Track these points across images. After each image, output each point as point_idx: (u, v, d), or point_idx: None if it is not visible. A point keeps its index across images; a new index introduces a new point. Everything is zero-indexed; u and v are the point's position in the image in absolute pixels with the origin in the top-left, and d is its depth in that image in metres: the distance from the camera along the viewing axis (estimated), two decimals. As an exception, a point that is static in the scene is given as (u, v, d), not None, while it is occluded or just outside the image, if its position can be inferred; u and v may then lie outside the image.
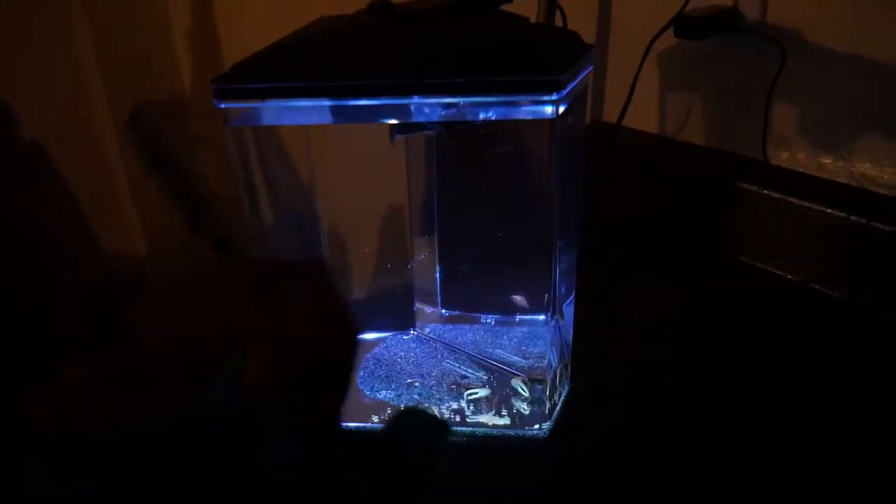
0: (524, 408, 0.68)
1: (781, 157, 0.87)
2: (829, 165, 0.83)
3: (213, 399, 0.63)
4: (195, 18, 1.85)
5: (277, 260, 0.68)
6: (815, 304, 0.80)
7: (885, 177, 0.79)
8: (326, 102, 0.55)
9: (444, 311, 0.81)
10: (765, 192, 0.85)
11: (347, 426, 0.68)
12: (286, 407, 0.64)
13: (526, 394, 0.68)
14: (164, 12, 1.87)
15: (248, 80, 0.55)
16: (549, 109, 0.53)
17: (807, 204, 0.81)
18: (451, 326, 0.80)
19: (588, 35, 0.99)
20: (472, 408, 0.68)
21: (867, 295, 0.78)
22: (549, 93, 0.51)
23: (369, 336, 0.79)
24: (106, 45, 1.77)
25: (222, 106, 0.55)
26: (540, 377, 0.68)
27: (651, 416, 0.67)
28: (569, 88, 0.53)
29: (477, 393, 0.70)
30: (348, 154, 0.71)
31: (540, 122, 0.55)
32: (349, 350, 0.58)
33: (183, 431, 0.60)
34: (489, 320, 0.79)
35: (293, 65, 0.56)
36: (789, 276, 0.84)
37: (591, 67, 0.59)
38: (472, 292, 0.80)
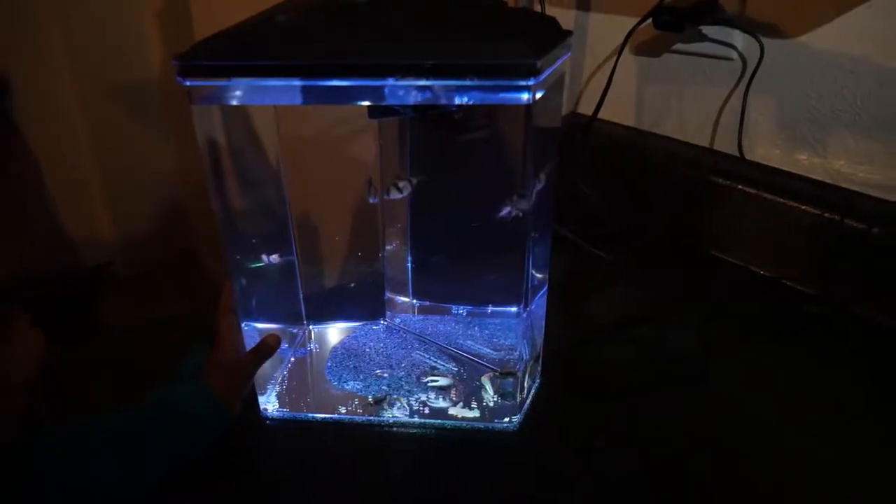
0: (494, 401, 0.67)
1: (757, 153, 0.87)
2: (804, 161, 0.83)
3: (181, 390, 0.62)
4: (167, 1, 1.80)
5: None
6: (788, 299, 0.80)
7: (860, 174, 0.78)
8: (295, 82, 0.53)
9: (415, 301, 0.79)
10: (739, 187, 0.84)
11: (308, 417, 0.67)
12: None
13: (490, 391, 0.67)
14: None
15: (213, 58, 0.53)
16: (525, 95, 0.51)
17: (781, 200, 0.81)
18: (422, 317, 0.79)
19: (566, 24, 0.98)
20: (432, 396, 0.67)
21: (840, 291, 0.78)
22: (526, 78, 0.50)
23: (339, 326, 0.78)
24: (75, 27, 1.73)
25: (186, 83, 0.53)
26: (510, 370, 0.67)
27: (621, 410, 0.66)
28: (545, 74, 0.52)
29: (437, 381, 0.69)
30: (318, 137, 0.69)
31: (515, 109, 0.53)
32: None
33: (148, 425, 0.59)
34: (461, 311, 0.78)
35: (261, 43, 0.54)
36: (762, 272, 0.84)
37: (568, 54, 0.57)
38: (443, 283, 0.79)
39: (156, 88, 1.85)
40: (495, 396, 0.67)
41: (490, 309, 0.76)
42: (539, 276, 0.67)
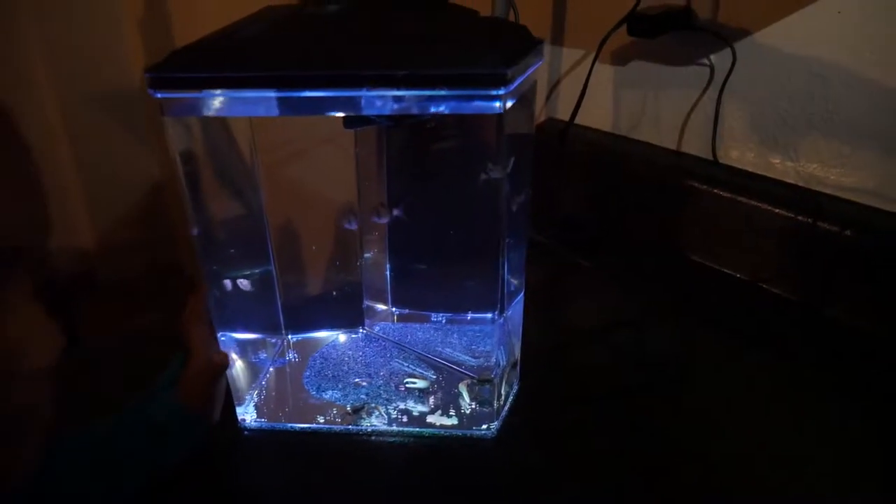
0: (472, 408, 0.67)
1: (731, 156, 0.87)
2: (777, 165, 0.84)
3: (154, 405, 0.61)
4: (147, 7, 1.80)
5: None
6: (764, 302, 0.80)
7: (832, 177, 0.79)
8: (267, 94, 0.53)
9: (394, 309, 0.79)
10: (714, 191, 0.85)
11: (288, 427, 0.66)
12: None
13: (467, 398, 0.67)
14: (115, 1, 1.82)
15: (184, 69, 0.52)
16: (496, 104, 0.52)
17: (755, 203, 0.82)
18: (401, 325, 0.79)
19: (542, 32, 0.99)
20: (411, 401, 0.67)
21: (814, 293, 0.78)
22: (497, 87, 0.50)
23: (318, 335, 0.78)
24: (53, 35, 1.71)
25: (158, 96, 0.53)
26: (487, 377, 0.67)
27: (600, 415, 0.66)
28: (516, 83, 0.52)
29: (415, 383, 0.69)
30: (293, 147, 0.69)
31: (488, 117, 0.54)
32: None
33: (122, 437, 0.58)
34: (440, 318, 0.78)
35: (234, 54, 0.54)
36: (738, 275, 0.84)
37: (540, 62, 0.58)
38: (422, 290, 0.79)
39: (137, 96, 1.84)
40: (473, 403, 0.67)
41: (470, 316, 0.76)
42: (515, 281, 0.67)
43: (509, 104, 0.53)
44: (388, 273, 0.78)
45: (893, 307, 0.73)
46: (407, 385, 0.69)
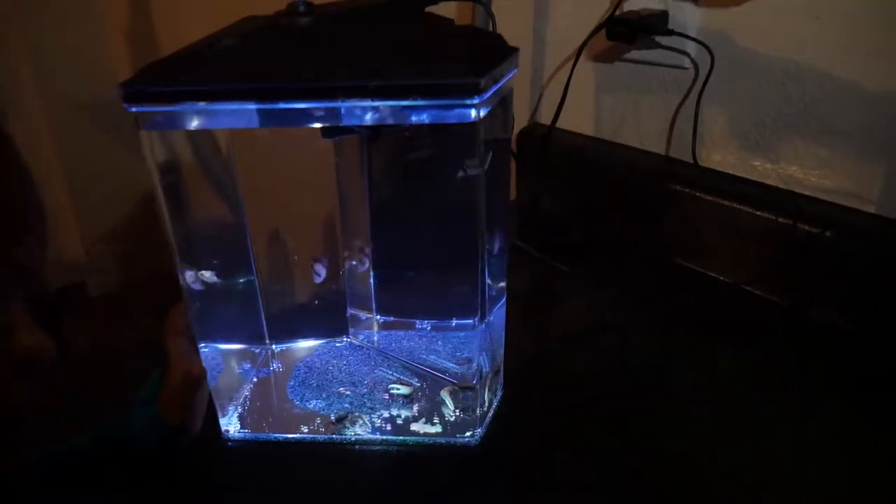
0: (455, 415, 0.67)
1: (713, 160, 0.88)
2: (758, 168, 0.84)
3: (133, 419, 0.61)
4: (132, 16, 1.79)
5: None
6: (747, 304, 0.81)
7: (812, 179, 0.80)
8: (245, 105, 0.53)
9: (378, 317, 0.79)
10: (696, 194, 0.85)
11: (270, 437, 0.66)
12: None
13: (451, 406, 0.67)
14: (100, 9, 1.81)
15: (159, 83, 0.53)
16: (471, 112, 0.52)
17: (736, 206, 0.82)
18: (385, 333, 0.79)
19: (522, 37, 0.99)
20: (394, 408, 0.67)
21: (796, 295, 0.79)
22: (470, 96, 0.50)
23: (301, 344, 0.78)
24: (38, 43, 1.71)
25: (133, 110, 0.53)
26: (469, 384, 0.67)
27: (584, 420, 0.67)
28: (490, 92, 0.52)
29: (399, 388, 0.69)
30: (275, 157, 0.69)
31: (464, 126, 0.54)
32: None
33: (101, 451, 0.58)
34: (425, 326, 0.78)
35: (208, 67, 0.54)
36: (721, 278, 0.85)
37: (515, 70, 0.58)
38: (406, 297, 0.79)
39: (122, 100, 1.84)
40: (456, 410, 0.67)
41: (455, 322, 0.76)
42: (496, 287, 0.67)
43: (483, 112, 0.53)
44: (371, 281, 0.78)
45: (874, 307, 0.73)
46: (391, 391, 0.69)
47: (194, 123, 0.56)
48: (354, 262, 0.77)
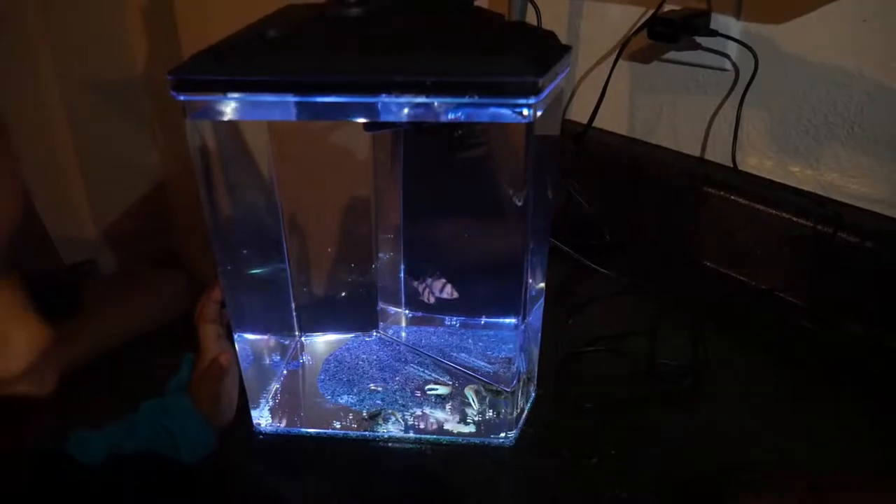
0: (481, 413, 0.66)
1: (750, 163, 0.87)
2: (797, 173, 0.83)
3: (164, 406, 0.61)
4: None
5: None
6: (780, 311, 0.80)
7: (853, 186, 0.79)
8: (291, 98, 0.52)
9: (408, 311, 0.79)
10: (732, 197, 0.84)
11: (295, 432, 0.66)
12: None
13: (475, 404, 0.67)
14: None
15: (208, 72, 0.52)
16: (525, 112, 0.51)
17: (774, 211, 0.81)
18: (415, 328, 0.78)
19: (560, 33, 0.98)
20: (430, 407, 0.67)
21: (831, 305, 0.78)
22: (528, 96, 0.49)
23: (331, 337, 0.77)
24: (57, 26, 1.70)
25: (181, 98, 0.52)
26: (506, 384, 0.67)
27: (617, 424, 0.66)
28: (547, 91, 0.51)
29: (436, 389, 0.69)
30: (311, 148, 0.68)
31: (516, 125, 0.53)
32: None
33: (135, 438, 0.58)
34: (453, 322, 0.77)
35: (257, 57, 0.53)
36: (755, 284, 0.84)
37: (567, 70, 0.57)
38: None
39: (139, 84, 1.83)
40: (482, 408, 0.67)
41: (483, 320, 0.76)
42: (537, 287, 0.67)
43: (539, 113, 0.52)
44: (401, 275, 0.77)
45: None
46: (427, 391, 0.69)
47: (237, 113, 0.55)
48: (387, 256, 0.76)
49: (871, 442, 0.64)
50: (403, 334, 0.78)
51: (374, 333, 0.78)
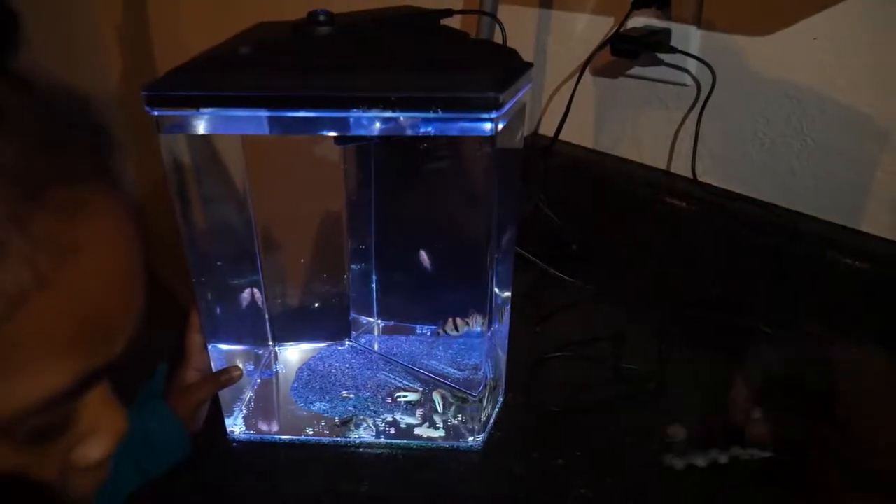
0: (448, 417, 0.68)
1: (709, 175, 0.90)
2: (754, 184, 0.86)
3: (142, 412, 0.62)
4: (125, 14, 1.79)
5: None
6: (742, 319, 0.82)
7: (807, 196, 0.82)
8: (263, 113, 0.54)
9: (380, 321, 0.81)
10: (693, 208, 0.87)
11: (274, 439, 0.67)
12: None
13: (440, 409, 0.69)
14: (93, 6, 1.80)
15: (182, 88, 0.53)
16: (487, 126, 0.53)
17: (734, 222, 0.84)
18: (387, 337, 0.80)
19: (527, 50, 1.01)
20: (399, 414, 0.68)
21: (788, 310, 0.81)
22: (489, 111, 0.52)
23: (304, 347, 0.78)
24: (30, 42, 1.70)
25: (155, 113, 0.54)
26: (473, 389, 0.68)
27: (584, 427, 0.68)
28: (508, 106, 0.54)
29: (406, 395, 0.70)
30: (283, 161, 0.70)
31: (480, 138, 0.55)
32: None
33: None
34: (425, 331, 0.79)
35: (230, 73, 0.55)
36: (714, 290, 0.86)
37: (529, 85, 0.59)
38: (408, 303, 0.80)
39: (114, 101, 1.83)
40: (449, 414, 0.68)
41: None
42: (502, 295, 0.69)
43: (500, 126, 0.54)
44: (374, 285, 0.79)
45: (864, 323, 0.75)
46: (398, 398, 0.70)
47: (211, 128, 0.57)
48: (358, 266, 0.78)
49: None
50: (376, 346, 0.79)
51: (347, 342, 0.79)
